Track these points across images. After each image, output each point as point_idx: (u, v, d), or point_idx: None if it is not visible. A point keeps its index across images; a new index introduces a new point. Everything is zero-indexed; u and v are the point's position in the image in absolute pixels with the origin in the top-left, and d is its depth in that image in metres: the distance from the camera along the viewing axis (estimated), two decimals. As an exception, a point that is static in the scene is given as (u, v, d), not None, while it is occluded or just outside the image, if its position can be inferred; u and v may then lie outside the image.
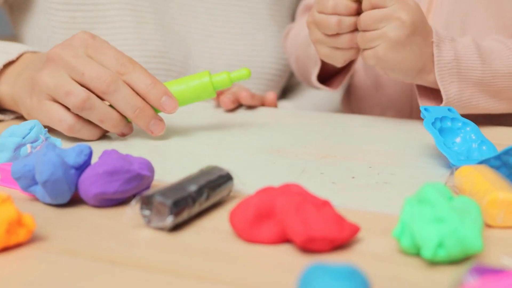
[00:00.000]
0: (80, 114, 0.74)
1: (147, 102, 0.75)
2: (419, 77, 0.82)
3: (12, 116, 0.85)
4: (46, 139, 0.66)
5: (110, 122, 0.75)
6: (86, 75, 0.73)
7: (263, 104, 0.97)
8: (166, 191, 0.53)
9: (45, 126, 0.70)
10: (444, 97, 0.81)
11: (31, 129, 0.65)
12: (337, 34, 0.81)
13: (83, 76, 0.73)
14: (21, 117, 0.84)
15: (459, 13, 0.90)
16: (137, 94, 0.75)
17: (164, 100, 0.75)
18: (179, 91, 0.77)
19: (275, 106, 0.99)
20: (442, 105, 0.81)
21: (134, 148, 0.74)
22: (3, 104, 0.84)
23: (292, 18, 1.16)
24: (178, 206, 0.52)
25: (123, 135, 0.78)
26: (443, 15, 0.91)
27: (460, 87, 0.81)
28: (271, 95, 0.98)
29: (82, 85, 0.74)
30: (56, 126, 0.75)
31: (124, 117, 0.76)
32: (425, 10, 0.92)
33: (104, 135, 0.78)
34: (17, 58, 0.83)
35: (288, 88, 1.22)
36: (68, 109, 0.75)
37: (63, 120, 0.74)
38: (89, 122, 0.76)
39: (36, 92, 0.75)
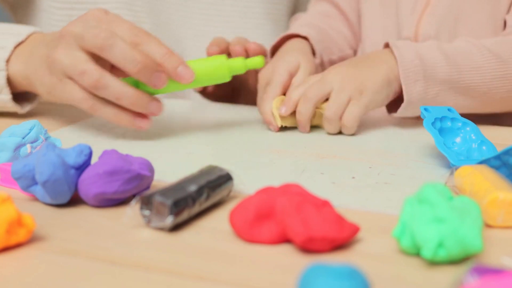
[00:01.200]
0: (96, 93, 0.73)
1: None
2: (391, 89, 0.82)
3: (27, 109, 0.85)
4: (46, 139, 0.66)
5: (127, 99, 0.73)
6: (85, 37, 0.72)
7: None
8: (166, 191, 0.53)
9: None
10: (405, 97, 0.80)
11: (31, 129, 0.65)
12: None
13: (83, 39, 0.73)
14: (26, 116, 0.84)
15: (454, 12, 0.90)
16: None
17: (181, 69, 0.74)
18: (195, 70, 0.76)
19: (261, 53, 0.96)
20: (403, 105, 0.81)
21: (134, 148, 0.74)
22: (15, 86, 0.83)
23: (288, 17, 1.17)
24: (178, 206, 0.52)
25: (152, 114, 0.76)
26: (438, 14, 0.91)
27: (426, 85, 0.80)
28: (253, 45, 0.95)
29: (85, 50, 0.73)
30: (77, 105, 0.75)
31: (144, 94, 0.75)
32: (421, 9, 0.92)
33: (103, 136, 0.78)
34: (26, 39, 0.82)
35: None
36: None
37: (84, 99, 0.74)
38: (109, 101, 0.75)
39: (54, 71, 0.75)
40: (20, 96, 0.86)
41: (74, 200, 0.58)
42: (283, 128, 0.83)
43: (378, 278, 0.45)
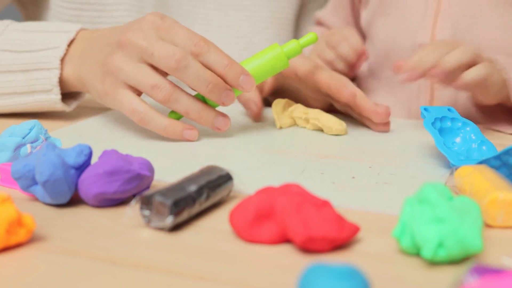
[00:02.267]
0: (166, 106, 0.74)
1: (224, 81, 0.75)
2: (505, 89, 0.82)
3: (73, 106, 0.85)
4: (46, 139, 0.66)
5: (195, 113, 0.75)
6: (156, 54, 0.72)
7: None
8: (166, 191, 0.53)
9: None
10: None
11: (31, 129, 0.65)
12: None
13: (152, 56, 0.73)
14: (26, 116, 0.84)
15: (469, 15, 0.90)
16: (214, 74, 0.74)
17: (242, 79, 0.75)
18: (254, 67, 0.77)
19: None
20: None
21: (134, 148, 0.74)
22: (68, 86, 0.83)
23: (293, 21, 1.17)
24: (178, 206, 0.52)
25: (217, 130, 0.77)
26: (452, 18, 0.91)
27: None
28: None
29: (153, 66, 0.73)
30: (128, 115, 0.75)
31: (212, 109, 0.76)
32: (433, 13, 0.92)
33: (103, 136, 0.78)
34: (76, 35, 0.82)
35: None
36: (141, 99, 0.75)
37: (135, 111, 0.74)
38: (160, 114, 0.75)
39: (110, 79, 0.75)
40: (65, 93, 0.85)
41: (74, 200, 0.58)
42: (283, 128, 0.83)
43: (378, 278, 0.45)
